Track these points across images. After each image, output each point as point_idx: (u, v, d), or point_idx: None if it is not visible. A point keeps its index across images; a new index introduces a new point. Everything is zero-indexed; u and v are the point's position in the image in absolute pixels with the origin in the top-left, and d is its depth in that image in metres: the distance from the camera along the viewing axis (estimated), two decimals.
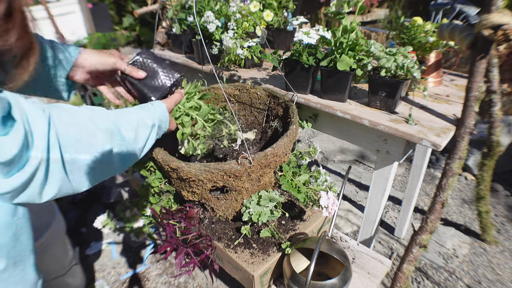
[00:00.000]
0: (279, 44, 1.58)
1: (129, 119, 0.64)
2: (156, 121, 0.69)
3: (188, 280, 1.65)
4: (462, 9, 1.17)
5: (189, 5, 1.63)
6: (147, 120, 0.67)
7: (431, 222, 0.99)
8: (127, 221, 0.94)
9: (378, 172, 1.04)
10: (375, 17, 4.20)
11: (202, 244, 0.84)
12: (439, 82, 1.22)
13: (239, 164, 0.76)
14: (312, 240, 0.81)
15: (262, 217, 0.80)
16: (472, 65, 0.85)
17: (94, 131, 0.55)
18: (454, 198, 2.20)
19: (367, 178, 2.40)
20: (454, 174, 0.94)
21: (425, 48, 1.09)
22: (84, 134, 0.54)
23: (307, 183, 0.89)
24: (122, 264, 1.74)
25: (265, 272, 0.82)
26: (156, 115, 0.69)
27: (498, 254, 1.76)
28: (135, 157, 0.66)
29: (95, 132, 0.55)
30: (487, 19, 0.77)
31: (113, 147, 0.58)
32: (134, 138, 0.63)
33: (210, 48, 1.36)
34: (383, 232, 1.92)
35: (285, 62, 1.08)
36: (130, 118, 0.64)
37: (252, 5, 1.39)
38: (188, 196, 0.88)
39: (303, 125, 1.08)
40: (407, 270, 1.06)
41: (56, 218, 1.35)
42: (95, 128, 0.56)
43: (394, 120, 0.94)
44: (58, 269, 1.40)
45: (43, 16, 3.22)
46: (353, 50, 0.99)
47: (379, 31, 1.79)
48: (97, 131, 0.56)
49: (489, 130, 1.38)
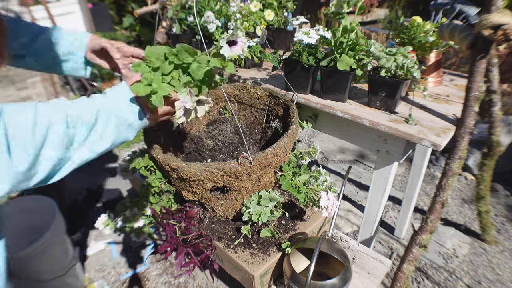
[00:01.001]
0: (279, 44, 1.58)
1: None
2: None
3: (188, 280, 1.65)
4: (462, 9, 1.18)
5: (189, 5, 1.63)
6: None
7: (431, 222, 0.99)
8: (127, 221, 0.94)
9: (378, 172, 1.04)
10: (375, 17, 4.20)
11: (202, 244, 0.84)
12: (439, 82, 1.22)
13: (239, 164, 0.76)
14: (312, 240, 0.81)
15: (262, 217, 0.80)
16: (472, 65, 0.85)
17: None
18: (454, 198, 2.20)
19: (367, 178, 2.40)
20: (454, 174, 0.94)
21: (425, 48, 1.09)
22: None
23: (307, 183, 0.89)
24: (122, 264, 1.74)
25: (265, 272, 0.82)
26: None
27: (498, 254, 1.76)
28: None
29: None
30: (487, 19, 0.77)
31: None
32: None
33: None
34: (383, 232, 1.92)
35: (285, 62, 1.08)
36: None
37: (252, 5, 1.39)
38: (188, 196, 0.88)
39: (303, 125, 1.08)
40: (407, 270, 1.06)
41: (56, 218, 1.35)
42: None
43: (394, 120, 0.94)
44: (58, 269, 1.41)
45: (43, 16, 3.22)
46: (353, 50, 0.99)
47: (379, 31, 1.79)
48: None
49: (489, 130, 1.38)
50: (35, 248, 1.25)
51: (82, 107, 0.56)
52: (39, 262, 1.30)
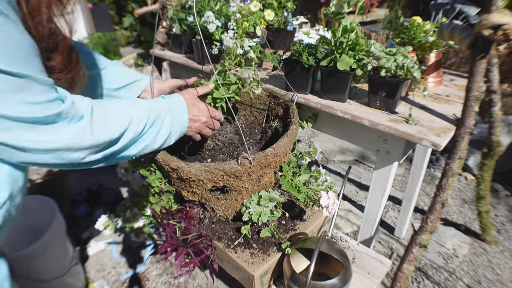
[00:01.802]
0: (279, 44, 1.58)
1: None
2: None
3: (188, 280, 1.65)
4: (462, 9, 1.18)
5: (189, 5, 1.63)
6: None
7: (431, 222, 0.99)
8: (127, 221, 0.94)
9: (378, 172, 1.04)
10: (375, 17, 4.19)
11: (202, 244, 0.84)
12: (439, 82, 1.22)
13: (239, 164, 0.76)
14: (312, 240, 0.81)
15: (262, 217, 0.80)
16: (472, 65, 0.85)
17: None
18: (454, 198, 2.20)
19: (367, 178, 2.40)
20: (454, 174, 0.94)
21: (425, 48, 1.09)
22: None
23: (307, 183, 0.89)
24: (122, 264, 1.74)
25: (265, 272, 0.82)
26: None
27: (498, 254, 1.76)
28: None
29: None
30: (487, 19, 0.77)
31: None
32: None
33: (210, 48, 1.36)
34: (383, 232, 1.92)
35: (285, 62, 1.08)
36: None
37: (252, 5, 1.39)
38: (188, 196, 0.88)
39: (303, 125, 1.08)
40: (407, 270, 1.06)
41: (56, 218, 1.35)
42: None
43: (394, 120, 0.94)
44: (58, 269, 1.40)
45: None
46: (353, 50, 0.99)
47: (379, 31, 1.79)
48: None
49: (489, 130, 1.38)
50: (35, 248, 1.25)
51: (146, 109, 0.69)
52: (39, 262, 1.30)
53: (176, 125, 0.75)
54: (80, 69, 0.62)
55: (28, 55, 0.44)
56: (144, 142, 0.68)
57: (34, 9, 0.46)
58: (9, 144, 0.46)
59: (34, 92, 0.45)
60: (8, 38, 0.41)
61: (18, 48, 0.43)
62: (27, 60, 0.44)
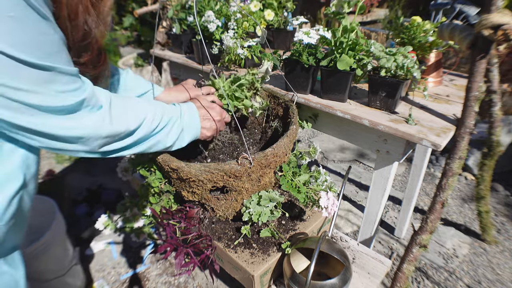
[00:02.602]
0: (279, 44, 1.58)
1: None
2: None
3: (188, 280, 1.65)
4: (462, 9, 1.18)
5: (189, 5, 1.63)
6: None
7: (431, 222, 0.99)
8: (127, 221, 0.94)
9: (378, 172, 1.04)
10: (375, 17, 4.20)
11: (202, 244, 0.84)
12: (439, 82, 1.22)
13: (239, 164, 0.76)
14: (312, 240, 0.81)
15: (262, 217, 0.80)
16: (472, 65, 0.85)
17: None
18: (454, 198, 2.20)
19: (367, 178, 2.40)
20: (454, 174, 0.94)
21: (425, 48, 1.09)
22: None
23: (307, 183, 0.89)
24: (122, 264, 1.75)
25: (265, 272, 0.82)
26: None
27: (498, 254, 1.76)
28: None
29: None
30: (487, 19, 0.77)
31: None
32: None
33: (210, 48, 1.36)
34: (383, 232, 1.92)
35: (285, 62, 1.08)
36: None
37: (252, 5, 1.39)
38: (188, 196, 0.88)
39: (303, 125, 1.08)
40: (407, 270, 1.06)
41: (56, 218, 1.35)
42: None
43: (394, 120, 0.94)
44: (58, 269, 1.41)
45: None
46: (353, 50, 0.99)
47: (379, 31, 1.79)
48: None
49: (489, 130, 1.38)
50: (36, 248, 1.25)
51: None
52: (39, 262, 1.30)
53: (187, 123, 0.78)
54: (106, 68, 0.66)
55: (59, 48, 0.48)
56: (156, 138, 0.70)
57: (73, 11, 0.50)
58: (37, 130, 0.49)
59: (62, 83, 0.48)
60: (42, 34, 0.44)
61: (51, 44, 0.46)
62: (58, 53, 0.47)
